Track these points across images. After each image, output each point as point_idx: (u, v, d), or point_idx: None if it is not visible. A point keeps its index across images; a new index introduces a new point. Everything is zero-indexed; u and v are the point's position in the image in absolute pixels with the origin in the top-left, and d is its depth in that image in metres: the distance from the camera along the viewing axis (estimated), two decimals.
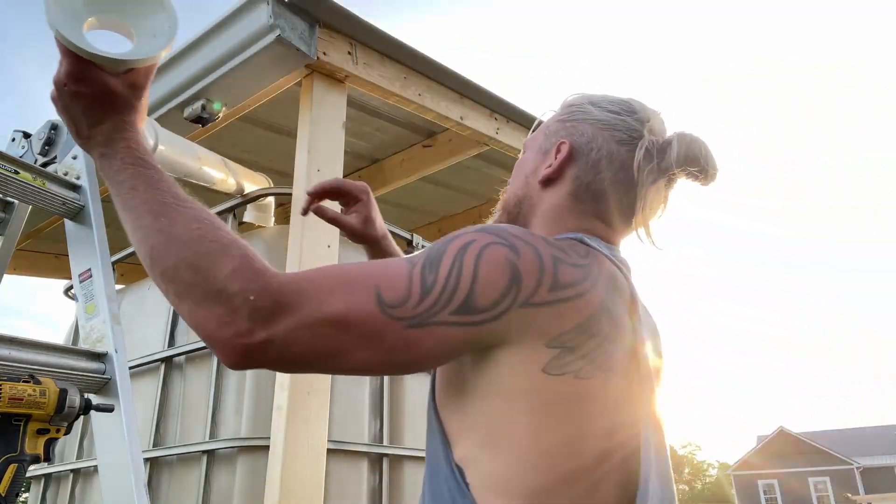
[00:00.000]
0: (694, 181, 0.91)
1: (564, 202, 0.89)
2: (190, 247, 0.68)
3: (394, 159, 2.39)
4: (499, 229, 0.76)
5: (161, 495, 1.51)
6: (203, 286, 0.67)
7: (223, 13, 1.49)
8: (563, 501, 0.72)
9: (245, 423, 1.39)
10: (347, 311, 0.69)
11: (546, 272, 0.72)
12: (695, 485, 44.39)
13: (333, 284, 0.71)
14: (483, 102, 1.97)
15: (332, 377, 1.38)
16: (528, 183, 0.93)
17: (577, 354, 0.73)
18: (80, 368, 1.13)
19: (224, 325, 0.66)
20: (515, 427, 0.73)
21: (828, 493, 29.11)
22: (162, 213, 0.69)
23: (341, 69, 1.55)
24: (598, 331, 0.74)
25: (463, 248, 0.72)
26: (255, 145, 2.22)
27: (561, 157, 0.89)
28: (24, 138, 1.42)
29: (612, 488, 0.75)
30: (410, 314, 0.70)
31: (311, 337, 0.68)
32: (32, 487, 1.99)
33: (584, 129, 0.91)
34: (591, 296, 0.74)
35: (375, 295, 0.69)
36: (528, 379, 0.73)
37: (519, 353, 0.73)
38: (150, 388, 1.65)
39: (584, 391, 0.73)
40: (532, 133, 1.01)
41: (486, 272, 0.70)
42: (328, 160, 1.50)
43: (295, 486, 1.22)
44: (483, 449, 0.75)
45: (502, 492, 0.72)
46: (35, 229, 2.32)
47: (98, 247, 1.26)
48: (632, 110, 0.92)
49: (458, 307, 0.70)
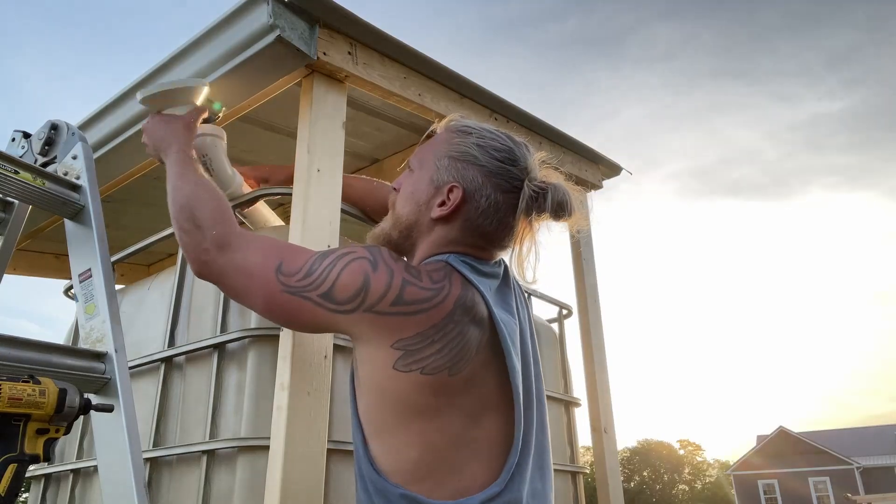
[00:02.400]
0: (556, 220, 1.10)
1: (452, 236, 1.09)
2: (196, 202, 1.14)
3: (394, 159, 2.39)
4: (375, 251, 1.00)
5: (161, 495, 1.50)
6: (194, 223, 1.11)
7: (223, 13, 1.49)
8: (437, 479, 0.92)
9: (245, 423, 1.39)
10: (255, 266, 1.03)
11: (392, 290, 0.94)
12: (695, 485, 44.32)
13: (262, 247, 1.06)
14: (483, 102, 1.97)
15: (332, 378, 1.38)
16: (421, 213, 1.10)
17: (420, 356, 0.93)
18: (80, 368, 1.13)
19: (197, 244, 1.09)
20: (385, 417, 0.96)
21: (828, 493, 29.08)
22: (186, 184, 1.18)
23: (341, 69, 1.55)
24: (441, 338, 0.93)
25: (343, 255, 0.99)
26: (255, 145, 2.22)
27: (454, 202, 1.07)
28: (24, 138, 1.42)
29: (481, 463, 0.94)
30: (291, 283, 1.00)
31: (234, 272, 1.06)
32: (32, 487, 1.99)
33: (473, 176, 1.08)
34: (434, 311, 0.94)
35: (278, 262, 1.02)
36: (383, 373, 0.95)
37: (375, 352, 0.96)
38: (150, 388, 1.65)
39: (432, 385, 0.93)
40: (420, 148, 1.19)
41: (346, 276, 0.96)
42: (328, 160, 1.50)
43: (295, 486, 1.22)
44: (373, 435, 0.98)
45: (392, 472, 0.94)
46: (35, 229, 2.32)
47: (98, 247, 1.27)
48: (514, 159, 1.10)
49: (323, 294, 0.97)
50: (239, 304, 1.19)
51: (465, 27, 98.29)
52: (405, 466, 0.95)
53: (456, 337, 0.94)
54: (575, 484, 2.15)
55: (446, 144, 1.13)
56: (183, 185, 1.18)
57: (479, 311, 0.98)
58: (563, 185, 1.10)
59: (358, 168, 2.47)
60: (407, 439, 0.96)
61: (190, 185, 1.18)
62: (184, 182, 1.19)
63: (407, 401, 0.95)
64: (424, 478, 0.94)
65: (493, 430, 0.97)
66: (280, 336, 1.35)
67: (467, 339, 0.95)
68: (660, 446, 45.77)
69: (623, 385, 70.29)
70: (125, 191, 2.17)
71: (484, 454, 0.95)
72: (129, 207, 2.49)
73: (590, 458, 3.19)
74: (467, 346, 0.95)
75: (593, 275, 2.41)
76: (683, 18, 75.88)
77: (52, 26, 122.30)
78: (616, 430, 2.24)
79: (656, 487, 43.78)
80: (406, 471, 0.95)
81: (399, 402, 0.96)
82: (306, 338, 1.34)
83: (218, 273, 1.08)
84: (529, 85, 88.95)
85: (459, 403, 0.95)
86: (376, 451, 0.98)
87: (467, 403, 0.96)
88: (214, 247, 1.08)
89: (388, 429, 0.98)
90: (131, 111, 1.75)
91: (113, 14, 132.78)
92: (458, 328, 0.95)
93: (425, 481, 0.93)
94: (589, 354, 2.27)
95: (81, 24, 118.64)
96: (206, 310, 1.61)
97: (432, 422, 0.95)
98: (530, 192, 1.07)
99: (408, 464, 0.95)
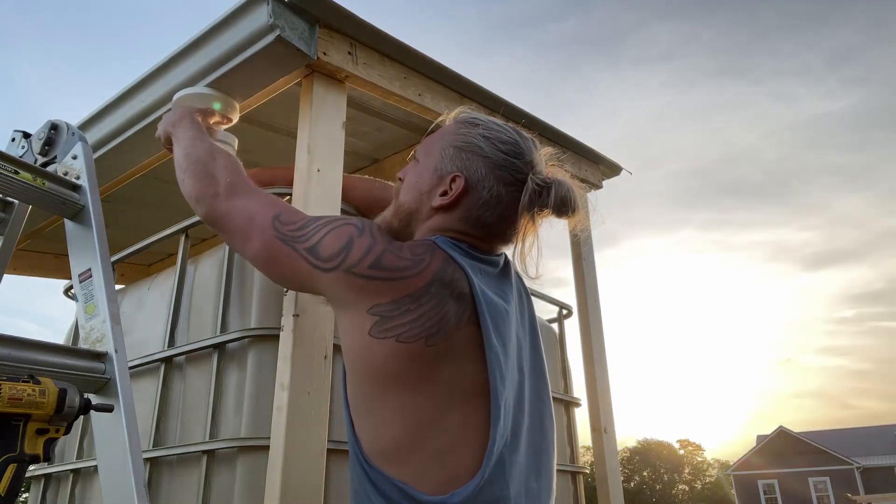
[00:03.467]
0: (559, 217, 1.10)
1: (451, 225, 1.09)
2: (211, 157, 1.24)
3: (394, 159, 2.38)
4: (366, 223, 1.05)
5: (161, 495, 1.50)
6: (208, 172, 1.20)
7: (223, 13, 1.49)
8: (419, 464, 0.91)
9: (245, 423, 1.39)
10: (257, 211, 1.11)
11: (371, 253, 0.98)
12: (695, 485, 44.33)
13: (266, 198, 1.15)
14: (483, 102, 1.97)
15: (332, 378, 1.38)
16: (422, 201, 1.11)
17: (396, 322, 0.93)
18: (80, 368, 1.13)
19: (209, 188, 1.18)
20: (365, 389, 0.97)
21: (828, 493, 29.09)
22: (202, 143, 1.28)
23: (341, 69, 1.55)
24: (416, 307, 0.94)
25: (335, 219, 1.06)
26: (255, 145, 2.22)
27: (456, 192, 1.07)
28: (24, 138, 1.42)
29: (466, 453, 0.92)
30: (284, 231, 1.06)
31: (238, 214, 1.13)
32: (32, 487, 1.99)
33: (477, 167, 1.08)
34: (410, 280, 0.95)
35: (278, 212, 1.09)
36: (361, 340, 0.96)
37: (353, 318, 0.98)
38: (150, 388, 1.65)
39: (409, 353, 0.93)
40: (427, 138, 1.19)
41: (332, 235, 1.01)
42: (328, 160, 1.50)
43: (295, 486, 1.22)
44: (357, 414, 0.99)
45: (375, 453, 0.94)
46: (35, 229, 2.32)
47: (98, 247, 1.26)
48: (519, 153, 1.10)
49: (309, 248, 1.02)
50: (237, 252, 1.21)
51: (464, 26, 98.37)
52: (387, 445, 0.94)
53: (433, 308, 0.94)
54: (575, 484, 2.15)
55: (453, 135, 1.13)
56: (199, 144, 1.28)
57: (460, 287, 0.98)
58: (567, 181, 1.10)
59: (358, 168, 2.47)
60: (387, 414, 0.94)
61: (206, 144, 1.28)
62: (200, 142, 1.29)
63: (385, 368, 0.94)
64: (406, 459, 0.92)
65: (482, 418, 0.94)
66: (280, 336, 1.35)
67: (445, 312, 0.95)
68: (660, 446, 45.79)
69: (623, 385, 70.36)
70: (125, 191, 2.18)
71: (470, 444, 0.92)
72: (129, 207, 2.49)
73: (590, 458, 3.19)
74: (445, 319, 0.94)
75: (593, 275, 2.41)
76: (683, 18, 75.95)
77: (51, 25, 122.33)
78: (616, 430, 2.24)
79: (656, 487, 43.78)
80: (388, 451, 0.93)
81: (377, 371, 0.95)
82: (306, 338, 1.34)
83: (223, 213, 1.15)
84: (529, 84, 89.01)
85: (442, 379, 0.93)
86: (360, 432, 0.98)
87: (448, 379, 0.94)
88: (225, 191, 1.16)
89: (367, 402, 0.97)
90: (131, 111, 1.75)
91: (113, 14, 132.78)
92: (434, 300, 0.95)
93: (408, 464, 0.92)
94: (589, 354, 2.27)
95: (81, 24, 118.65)
96: (206, 310, 1.61)
97: (412, 395, 0.93)
98: (533, 187, 1.07)
99: (390, 442, 0.93)
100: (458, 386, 0.95)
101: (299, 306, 1.34)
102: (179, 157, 1.28)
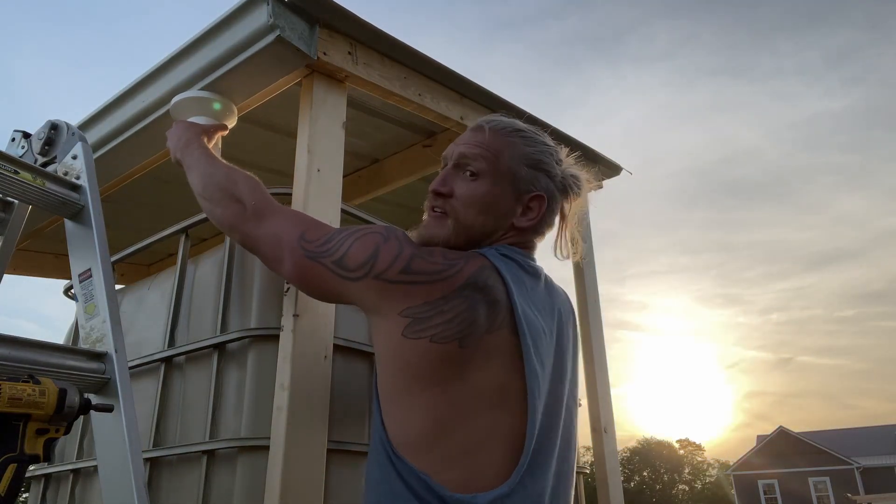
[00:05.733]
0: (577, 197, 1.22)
1: (526, 238, 1.15)
2: (233, 181, 1.26)
3: (394, 159, 2.38)
4: (391, 229, 1.06)
5: (161, 495, 1.50)
6: (235, 198, 1.23)
7: (223, 13, 1.49)
8: (442, 450, 0.93)
9: (245, 423, 1.39)
10: (284, 233, 1.13)
11: (400, 259, 0.99)
12: (695, 485, 44.32)
13: (291, 217, 1.18)
14: (483, 102, 1.96)
15: (332, 378, 1.38)
16: (500, 222, 1.12)
17: (429, 324, 0.95)
18: (80, 368, 1.13)
19: (240, 216, 1.20)
20: (398, 383, 0.99)
21: (828, 493, 29.08)
22: (219, 168, 1.30)
23: (341, 69, 1.55)
24: (449, 308, 0.95)
25: (360, 229, 1.07)
26: (255, 145, 2.22)
27: (542, 212, 1.14)
28: (24, 138, 1.42)
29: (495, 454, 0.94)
30: (311, 249, 1.08)
31: (268, 240, 1.16)
32: (32, 487, 1.98)
33: (547, 183, 1.15)
34: (442, 283, 0.97)
35: (302, 231, 1.12)
36: (395, 341, 0.98)
37: (385, 321, 1.00)
38: (150, 388, 1.65)
39: (442, 354, 0.94)
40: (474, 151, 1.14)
41: (358, 245, 1.03)
42: (328, 160, 1.50)
43: (295, 486, 1.22)
44: (386, 402, 1.01)
45: (401, 443, 0.96)
46: (35, 229, 2.31)
47: (98, 247, 1.26)
48: (560, 160, 1.19)
49: (336, 260, 1.04)
50: (274, 272, 1.24)
51: (464, 25, 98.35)
52: (413, 437, 0.96)
53: (466, 310, 0.96)
54: (575, 484, 2.15)
55: (515, 150, 1.14)
56: (216, 171, 1.30)
57: (495, 294, 0.99)
58: (577, 169, 1.23)
59: (358, 168, 2.47)
60: (416, 409, 0.97)
61: (224, 168, 1.30)
62: (215, 167, 1.31)
63: (418, 367, 0.96)
64: (430, 449, 0.94)
65: (511, 426, 0.97)
66: (280, 336, 1.35)
67: (477, 315, 0.96)
68: (660, 446, 45.78)
69: (623, 385, 70.33)
70: (125, 191, 2.18)
71: (499, 447, 0.95)
72: (129, 207, 2.49)
73: (590, 458, 3.19)
74: (478, 321, 0.96)
75: (593, 275, 2.41)
76: (683, 17, 75.95)
77: (51, 24, 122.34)
78: (616, 430, 2.24)
79: (656, 487, 43.77)
80: (414, 443, 0.96)
81: (410, 368, 0.97)
82: (306, 338, 1.34)
83: (255, 240, 1.19)
84: (529, 83, 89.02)
85: (472, 380, 0.95)
86: (388, 423, 1.00)
87: (482, 385, 0.96)
88: (253, 217, 1.19)
89: (398, 395, 0.99)
90: (131, 111, 1.75)
91: (112, 13, 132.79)
92: (467, 302, 0.96)
93: (430, 455, 0.94)
94: (589, 354, 2.27)
95: (81, 23, 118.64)
96: (206, 310, 1.61)
97: (443, 393, 0.95)
98: (572, 184, 1.19)
99: (415, 434, 0.96)
100: (486, 390, 0.97)
101: (299, 306, 1.34)
102: (198, 185, 1.31)
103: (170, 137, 1.46)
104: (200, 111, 1.55)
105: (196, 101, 1.55)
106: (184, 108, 1.56)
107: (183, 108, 1.56)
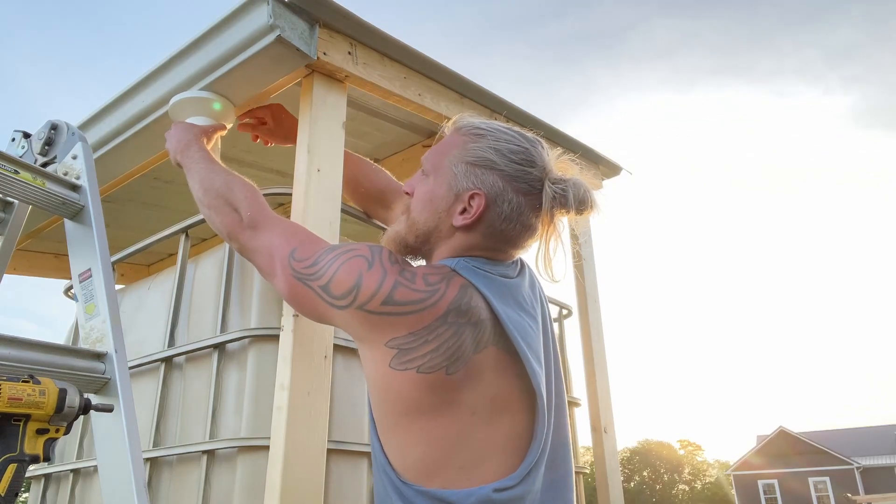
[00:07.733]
0: (579, 215, 1.10)
1: (473, 242, 1.09)
2: (231, 187, 1.24)
3: (394, 159, 2.38)
4: (376, 250, 1.03)
5: (161, 495, 1.50)
6: (232, 206, 1.21)
7: (223, 13, 1.49)
8: (447, 476, 0.94)
9: (245, 423, 1.39)
10: (276, 248, 1.11)
11: (382, 290, 0.96)
12: (695, 485, 44.30)
13: (285, 230, 1.15)
14: (483, 102, 1.97)
15: (332, 378, 1.38)
16: (440, 220, 1.09)
17: (415, 355, 0.94)
18: (80, 368, 1.13)
19: (236, 225, 1.19)
20: (389, 415, 0.99)
21: (828, 493, 29.07)
22: (218, 174, 1.28)
23: (341, 69, 1.55)
24: (434, 338, 0.94)
25: (346, 251, 1.04)
26: (255, 145, 2.21)
27: (478, 211, 1.06)
28: (24, 138, 1.42)
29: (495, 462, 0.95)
30: (299, 270, 1.06)
31: (262, 252, 1.15)
32: (32, 487, 1.99)
33: (493, 181, 1.06)
34: (425, 313, 0.95)
35: (293, 248, 1.09)
36: (383, 371, 0.97)
37: (372, 351, 0.99)
38: (150, 388, 1.65)
39: (430, 383, 0.94)
40: (432, 151, 1.16)
41: (342, 272, 1.00)
42: (328, 160, 1.50)
43: (295, 486, 1.22)
44: (383, 433, 1.01)
45: (403, 469, 0.97)
46: (35, 229, 2.32)
47: (98, 247, 1.26)
48: (531, 160, 1.09)
49: (322, 286, 1.02)
50: (268, 282, 1.23)
51: (464, 25, 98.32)
52: (414, 464, 0.97)
53: (451, 338, 0.95)
54: (574, 484, 2.15)
55: (460, 149, 1.11)
56: (215, 176, 1.28)
57: (478, 314, 0.98)
58: (580, 180, 1.11)
59: None
60: (412, 437, 0.97)
61: (223, 174, 1.28)
62: (215, 173, 1.29)
63: (408, 399, 0.96)
64: (434, 474, 0.95)
65: (510, 431, 0.98)
66: (280, 336, 1.35)
67: (463, 340, 0.95)
68: (660, 446, 45.77)
69: (623, 385, 70.29)
70: (125, 191, 2.18)
71: (499, 454, 0.96)
72: (129, 207, 2.49)
73: (590, 458, 3.19)
74: (463, 347, 0.95)
75: (593, 275, 2.41)
76: (683, 15, 75.91)
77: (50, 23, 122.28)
78: (616, 430, 2.24)
79: (656, 487, 43.76)
80: (415, 468, 0.97)
81: (400, 401, 0.97)
82: (306, 338, 1.34)
83: (250, 252, 1.18)
84: (528, 82, 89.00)
85: (464, 401, 0.95)
86: (388, 448, 1.01)
87: (474, 402, 0.96)
88: (249, 227, 1.17)
89: (392, 427, 1.00)
90: (131, 111, 1.75)
91: (112, 13, 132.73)
92: (451, 329, 0.95)
93: (435, 477, 0.95)
94: (589, 354, 2.27)
95: (81, 23, 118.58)
96: (206, 310, 1.61)
97: (435, 420, 0.95)
98: (552, 193, 1.07)
99: (415, 461, 0.97)
100: (480, 405, 0.97)
101: None
102: (197, 190, 1.29)
103: (169, 139, 1.45)
104: (200, 111, 1.55)
105: (195, 101, 1.54)
106: (183, 109, 1.55)
107: (182, 108, 1.55)
